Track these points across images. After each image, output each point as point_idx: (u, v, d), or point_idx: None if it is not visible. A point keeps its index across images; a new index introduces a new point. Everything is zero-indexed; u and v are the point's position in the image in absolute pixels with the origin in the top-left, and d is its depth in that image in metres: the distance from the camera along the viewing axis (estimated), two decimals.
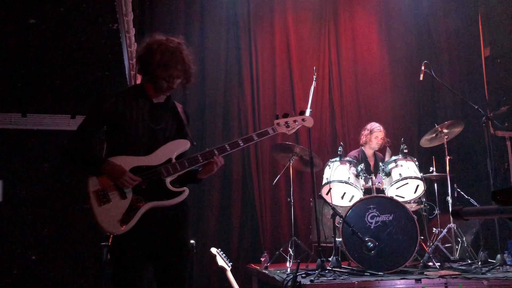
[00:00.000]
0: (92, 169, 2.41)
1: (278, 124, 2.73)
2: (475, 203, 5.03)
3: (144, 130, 2.48)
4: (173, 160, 2.47)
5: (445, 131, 4.97)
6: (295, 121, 2.75)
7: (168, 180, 2.44)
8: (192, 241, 4.30)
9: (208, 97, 6.03)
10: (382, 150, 5.45)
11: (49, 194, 4.81)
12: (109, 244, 2.43)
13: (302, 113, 2.82)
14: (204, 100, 6.02)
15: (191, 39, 6.03)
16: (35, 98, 4.71)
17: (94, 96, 2.56)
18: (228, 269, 3.68)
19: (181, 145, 2.54)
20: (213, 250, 3.77)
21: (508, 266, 4.37)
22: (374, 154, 5.44)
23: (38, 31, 3.27)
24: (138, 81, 3.60)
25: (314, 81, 4.69)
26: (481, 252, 4.54)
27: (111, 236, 2.40)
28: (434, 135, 5.10)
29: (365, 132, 5.42)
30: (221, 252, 3.71)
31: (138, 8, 5.39)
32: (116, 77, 4.18)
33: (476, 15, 6.95)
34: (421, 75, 5.07)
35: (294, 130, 2.76)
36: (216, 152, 2.52)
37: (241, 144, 2.57)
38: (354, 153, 5.48)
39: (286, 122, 2.73)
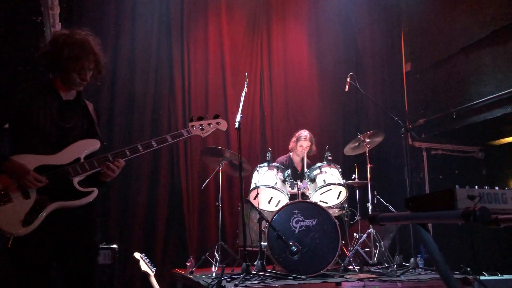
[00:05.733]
0: None
1: (192, 126, 2.77)
2: (393, 210, 5.30)
3: (52, 129, 2.39)
4: (82, 160, 2.41)
5: (367, 140, 5.23)
6: (209, 124, 2.82)
7: (76, 180, 2.38)
8: (114, 246, 4.18)
9: (137, 100, 5.85)
10: (312, 157, 5.56)
11: None
12: (9, 246, 2.25)
13: (217, 116, 2.88)
14: (132, 103, 5.83)
15: (121, 36, 5.87)
16: None
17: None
18: (152, 274, 3.60)
19: (90, 145, 2.48)
20: (137, 255, 3.67)
21: (420, 269, 4.66)
22: (302, 160, 5.57)
23: None
24: None
25: (245, 87, 4.74)
26: (397, 256, 4.82)
27: (11, 238, 2.24)
28: (357, 144, 5.35)
29: (293, 139, 5.56)
30: (145, 256, 3.63)
31: (65, 2, 5.14)
32: (37, 72, 3.97)
33: (399, 33, 7.41)
34: (347, 86, 5.31)
35: (208, 133, 2.82)
36: (128, 152, 2.49)
37: (155, 145, 2.55)
38: (282, 159, 5.59)
39: (201, 125, 2.79)
